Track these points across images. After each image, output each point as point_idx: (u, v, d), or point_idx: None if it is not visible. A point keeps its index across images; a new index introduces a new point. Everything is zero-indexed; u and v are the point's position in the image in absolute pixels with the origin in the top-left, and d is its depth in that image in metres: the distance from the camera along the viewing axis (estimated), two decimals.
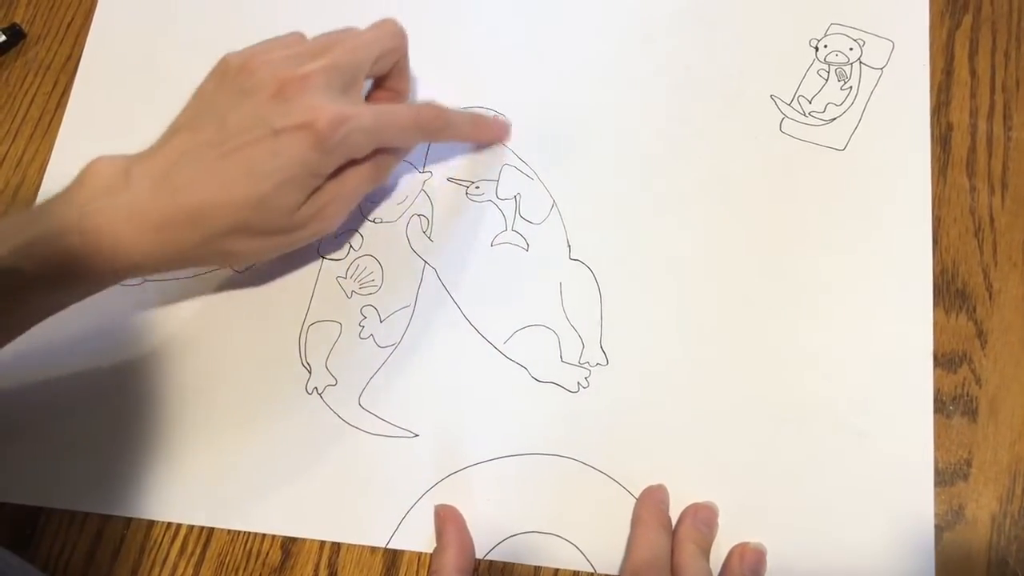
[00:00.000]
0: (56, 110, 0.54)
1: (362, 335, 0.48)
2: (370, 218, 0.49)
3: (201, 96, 0.42)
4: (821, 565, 0.42)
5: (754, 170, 0.48)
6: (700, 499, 0.43)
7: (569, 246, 0.48)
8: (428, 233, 0.49)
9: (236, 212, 0.39)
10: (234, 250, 0.41)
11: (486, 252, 0.48)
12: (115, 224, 0.38)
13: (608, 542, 0.43)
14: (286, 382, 0.47)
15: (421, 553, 0.44)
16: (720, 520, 0.43)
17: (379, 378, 0.47)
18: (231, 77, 0.41)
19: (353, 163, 0.42)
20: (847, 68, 0.49)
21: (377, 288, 0.48)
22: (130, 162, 0.40)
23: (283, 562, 0.44)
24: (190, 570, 0.45)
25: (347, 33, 0.43)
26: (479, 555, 0.44)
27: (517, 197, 0.49)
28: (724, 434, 0.44)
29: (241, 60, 0.41)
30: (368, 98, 0.47)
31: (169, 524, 0.45)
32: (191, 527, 0.45)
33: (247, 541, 0.45)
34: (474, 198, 0.49)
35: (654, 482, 0.44)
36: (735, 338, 0.46)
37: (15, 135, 0.53)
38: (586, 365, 0.46)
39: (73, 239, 0.38)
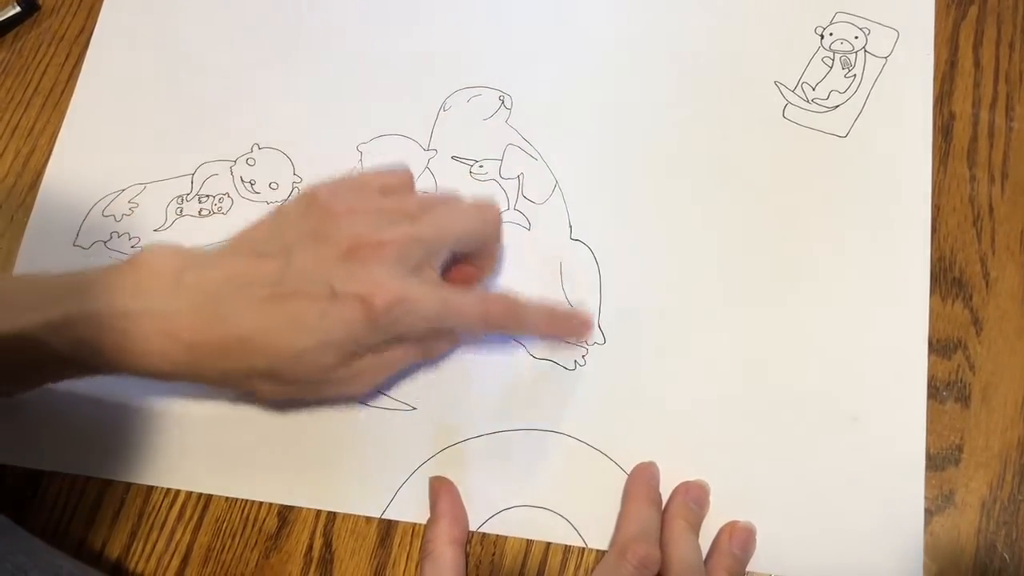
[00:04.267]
0: (68, 81, 0.54)
1: None
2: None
3: (279, 219, 0.40)
4: (811, 547, 0.42)
5: (756, 155, 0.48)
6: (692, 478, 0.44)
7: (571, 226, 0.48)
8: None
9: (269, 359, 0.38)
10: (256, 389, 0.40)
11: None
12: (151, 335, 0.37)
13: (600, 518, 0.44)
14: None
15: (415, 524, 0.44)
16: (711, 500, 0.43)
17: None
18: (313, 214, 0.39)
19: (403, 338, 0.40)
20: (852, 56, 0.49)
21: None
22: (186, 265, 0.39)
23: (279, 529, 0.45)
24: (188, 535, 0.45)
25: (444, 204, 0.41)
26: (472, 527, 0.44)
27: (520, 177, 0.50)
28: (718, 415, 0.45)
29: (329, 200, 0.39)
30: (447, 268, 0.43)
31: (168, 490, 0.46)
32: (190, 493, 0.46)
33: (244, 508, 0.45)
34: (478, 177, 0.50)
35: (643, 458, 0.44)
36: (732, 321, 0.46)
37: (27, 105, 0.54)
38: (584, 344, 0.47)
39: (108, 335, 0.37)
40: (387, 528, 0.44)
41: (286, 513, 0.45)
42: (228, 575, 0.45)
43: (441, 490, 0.44)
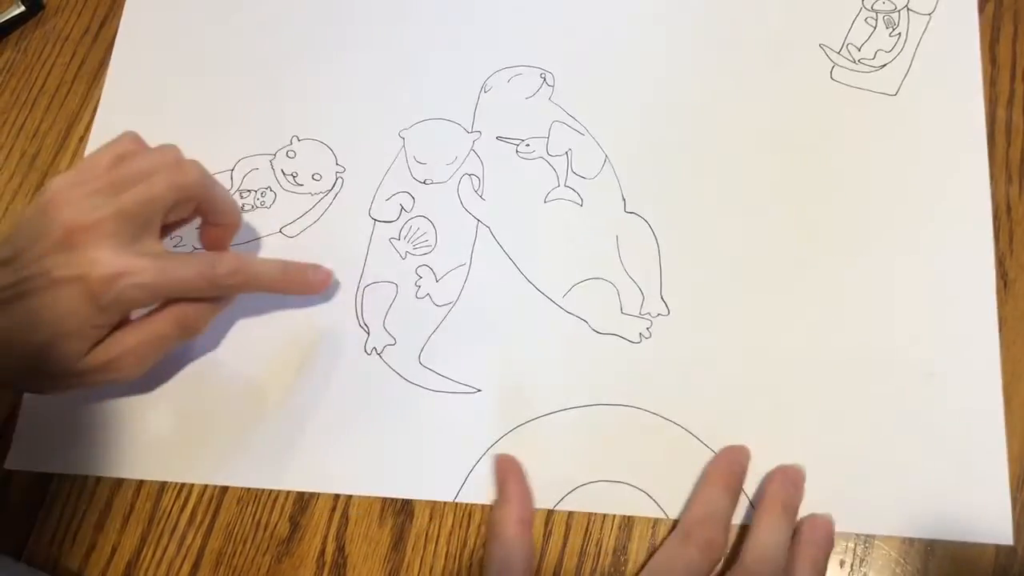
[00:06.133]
0: (73, 82, 0.54)
1: (418, 295, 0.47)
2: (421, 179, 0.49)
3: (17, 229, 0.41)
4: (894, 505, 0.42)
5: (806, 117, 0.48)
6: (766, 444, 0.43)
7: (624, 199, 0.48)
8: (480, 192, 0.49)
9: (20, 359, 0.39)
10: (35, 388, 0.42)
11: (540, 208, 0.48)
12: None
13: (678, 488, 0.43)
14: (345, 344, 0.47)
15: (428, 528, 0.44)
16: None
17: (438, 336, 0.47)
18: (38, 211, 0.40)
19: (150, 314, 0.41)
20: (895, 15, 0.49)
21: (431, 248, 0.48)
22: None
23: (291, 533, 0.44)
24: (199, 540, 0.44)
25: (153, 167, 0.41)
26: (547, 506, 0.43)
27: (569, 153, 0.49)
28: (789, 379, 0.44)
29: (50, 194, 0.40)
30: (201, 232, 0.45)
31: (179, 494, 0.45)
32: (200, 497, 0.45)
33: (256, 512, 0.44)
34: (525, 156, 0.49)
35: (718, 427, 0.44)
36: (796, 284, 0.46)
37: (32, 105, 0.53)
38: (647, 316, 0.46)
39: None
40: (400, 532, 0.44)
41: (298, 517, 0.44)
42: None
43: (508, 470, 0.43)
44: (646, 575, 0.40)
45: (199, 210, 0.43)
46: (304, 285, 0.46)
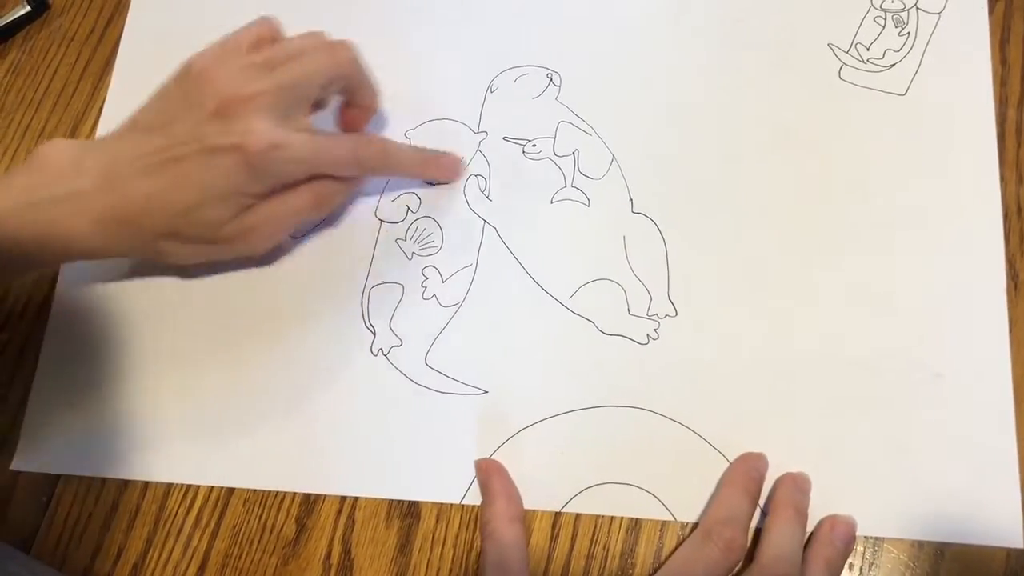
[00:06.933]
0: (78, 82, 0.53)
1: (425, 295, 0.47)
2: (427, 180, 0.49)
3: (160, 96, 0.42)
4: (904, 506, 0.42)
5: (815, 117, 0.48)
6: (774, 445, 0.43)
7: (631, 200, 0.48)
8: (486, 192, 0.49)
9: (167, 218, 0.41)
10: (166, 251, 0.43)
11: (547, 209, 0.48)
12: (63, 219, 0.40)
13: (686, 490, 0.43)
14: (351, 344, 0.47)
15: (435, 530, 0.43)
16: (798, 468, 0.43)
17: (445, 337, 0.46)
18: (189, 83, 0.41)
19: (290, 188, 0.42)
20: (904, 14, 0.49)
21: (437, 249, 0.48)
22: (84, 150, 0.41)
23: (297, 535, 0.44)
24: (205, 542, 0.44)
25: (304, 48, 0.43)
26: (554, 508, 0.43)
27: (575, 153, 0.49)
28: (797, 381, 0.44)
29: (200, 67, 0.41)
30: (339, 114, 0.47)
31: (184, 496, 0.45)
32: (206, 499, 0.45)
33: (262, 514, 0.44)
34: (531, 156, 0.49)
35: (726, 428, 0.43)
36: (804, 283, 0.45)
37: (37, 106, 0.53)
38: (655, 317, 0.46)
39: (26, 229, 0.40)
40: (406, 534, 0.43)
41: (304, 519, 0.44)
42: None
43: (491, 470, 0.43)
44: (665, 572, 0.40)
45: (345, 90, 0.45)
46: (439, 170, 0.48)
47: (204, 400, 0.46)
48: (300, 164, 0.41)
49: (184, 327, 0.47)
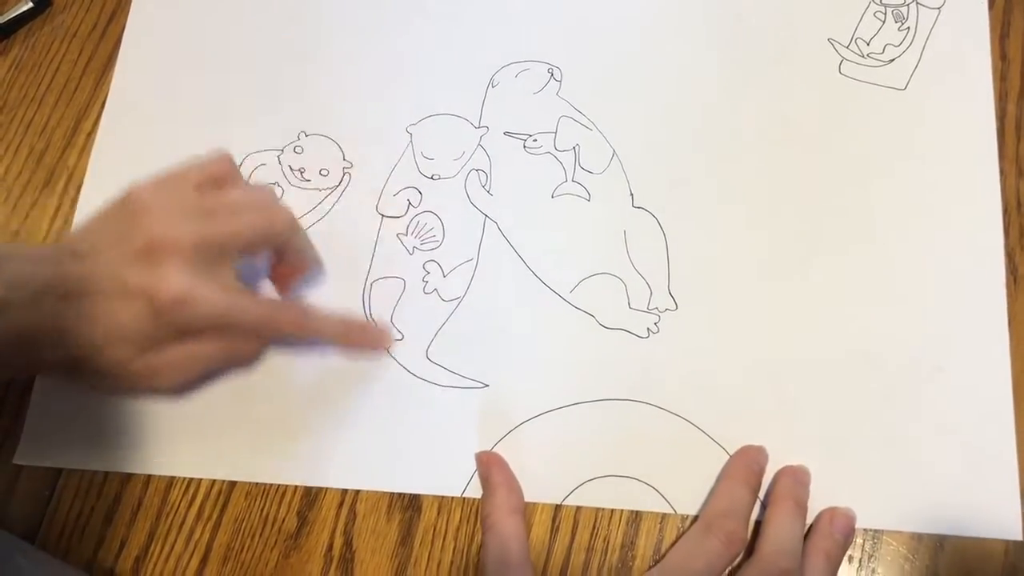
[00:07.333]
0: (81, 78, 0.53)
1: (426, 290, 0.47)
2: (428, 175, 0.49)
3: (97, 223, 0.42)
4: (904, 500, 0.42)
5: (816, 111, 0.48)
6: (774, 439, 0.43)
7: (632, 194, 0.48)
8: (487, 187, 0.49)
9: (68, 351, 0.40)
10: (74, 379, 0.43)
11: (548, 204, 0.48)
12: None
13: (686, 483, 0.43)
14: None
15: (436, 523, 0.44)
16: (797, 461, 0.43)
17: (446, 331, 0.46)
18: (124, 213, 0.41)
19: (202, 336, 0.42)
20: (904, 9, 0.49)
21: (439, 243, 0.48)
22: (6, 260, 0.40)
23: (299, 528, 0.44)
24: (207, 534, 0.44)
25: (243, 205, 0.42)
26: (555, 501, 0.43)
27: (576, 148, 0.49)
28: (797, 374, 0.44)
29: (137, 199, 0.41)
30: (271, 266, 0.46)
31: (187, 489, 0.45)
32: (208, 492, 0.45)
33: (264, 507, 0.44)
34: (532, 151, 0.49)
35: (726, 421, 0.44)
36: (804, 277, 0.46)
37: (40, 102, 0.53)
38: (655, 311, 0.46)
39: None
40: (408, 527, 0.44)
41: (306, 512, 0.44)
42: (248, 575, 0.44)
43: (491, 463, 0.43)
44: (665, 565, 0.40)
45: (277, 251, 0.45)
46: (363, 340, 0.46)
47: (206, 394, 0.46)
48: (209, 320, 0.41)
49: None
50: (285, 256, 0.45)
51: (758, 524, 0.42)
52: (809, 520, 0.41)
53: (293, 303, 0.46)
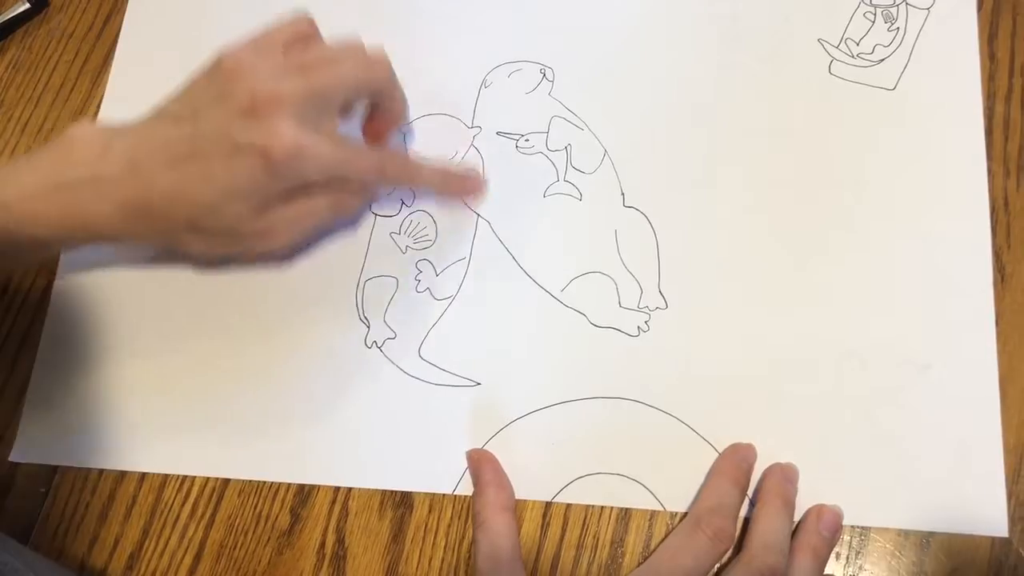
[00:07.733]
0: (77, 78, 0.54)
1: (419, 289, 0.48)
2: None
3: (191, 89, 0.42)
4: (891, 498, 0.42)
5: (805, 112, 0.48)
6: (763, 436, 0.43)
7: (623, 194, 0.48)
8: None
9: (188, 212, 0.41)
10: (186, 243, 0.43)
11: (539, 203, 0.49)
12: (88, 201, 0.40)
13: (675, 480, 0.43)
14: (345, 337, 0.47)
15: (427, 520, 0.44)
16: (786, 459, 0.43)
17: (438, 330, 0.47)
18: (219, 78, 0.41)
19: (312, 191, 0.42)
20: (893, 10, 0.49)
21: (431, 242, 0.49)
22: (111, 135, 0.41)
23: (292, 525, 0.44)
24: (200, 532, 0.45)
25: (339, 55, 0.42)
26: (545, 499, 0.44)
27: (568, 148, 0.49)
28: (786, 372, 0.44)
29: (232, 62, 0.41)
30: (365, 120, 0.47)
31: (181, 486, 0.45)
32: (202, 490, 0.45)
33: (257, 504, 0.45)
34: (524, 151, 0.50)
35: (715, 419, 0.44)
36: (793, 276, 0.46)
37: (37, 102, 0.54)
38: (645, 309, 0.46)
39: (49, 209, 0.40)
40: (399, 524, 0.44)
41: (299, 509, 0.45)
42: (241, 572, 0.44)
43: (482, 460, 0.44)
44: (654, 561, 0.41)
45: (373, 99, 0.45)
46: (460, 190, 0.48)
47: (200, 392, 0.46)
48: (322, 170, 0.41)
49: (180, 320, 0.48)
50: (380, 106, 0.45)
51: (746, 521, 0.42)
52: (797, 517, 0.42)
53: (397, 152, 0.48)
